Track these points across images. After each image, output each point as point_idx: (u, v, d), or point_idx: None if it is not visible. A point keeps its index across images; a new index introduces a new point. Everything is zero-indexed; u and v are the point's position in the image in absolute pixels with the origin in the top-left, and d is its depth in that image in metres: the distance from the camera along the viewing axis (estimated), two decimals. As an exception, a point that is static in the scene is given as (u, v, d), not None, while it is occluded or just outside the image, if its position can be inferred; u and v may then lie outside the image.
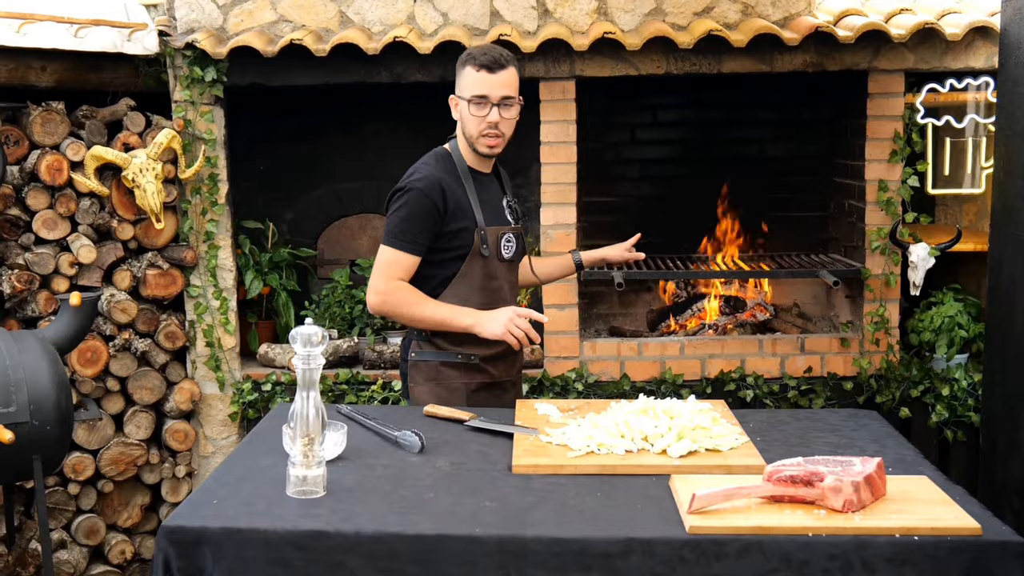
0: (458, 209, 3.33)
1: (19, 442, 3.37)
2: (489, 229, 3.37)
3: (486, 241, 3.36)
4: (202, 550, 2.24)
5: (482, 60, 3.28)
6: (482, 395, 3.44)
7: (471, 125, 3.32)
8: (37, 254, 4.27)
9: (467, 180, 3.39)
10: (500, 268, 3.42)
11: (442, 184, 3.32)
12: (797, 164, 5.33)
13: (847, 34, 4.39)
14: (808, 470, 2.33)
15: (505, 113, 3.30)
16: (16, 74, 4.20)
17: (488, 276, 3.39)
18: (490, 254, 3.37)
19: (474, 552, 2.22)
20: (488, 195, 3.43)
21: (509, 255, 3.44)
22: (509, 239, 3.43)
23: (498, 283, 3.42)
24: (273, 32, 4.64)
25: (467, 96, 3.30)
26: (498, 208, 3.45)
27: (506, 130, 3.34)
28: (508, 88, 3.30)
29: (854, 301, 4.86)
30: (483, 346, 3.37)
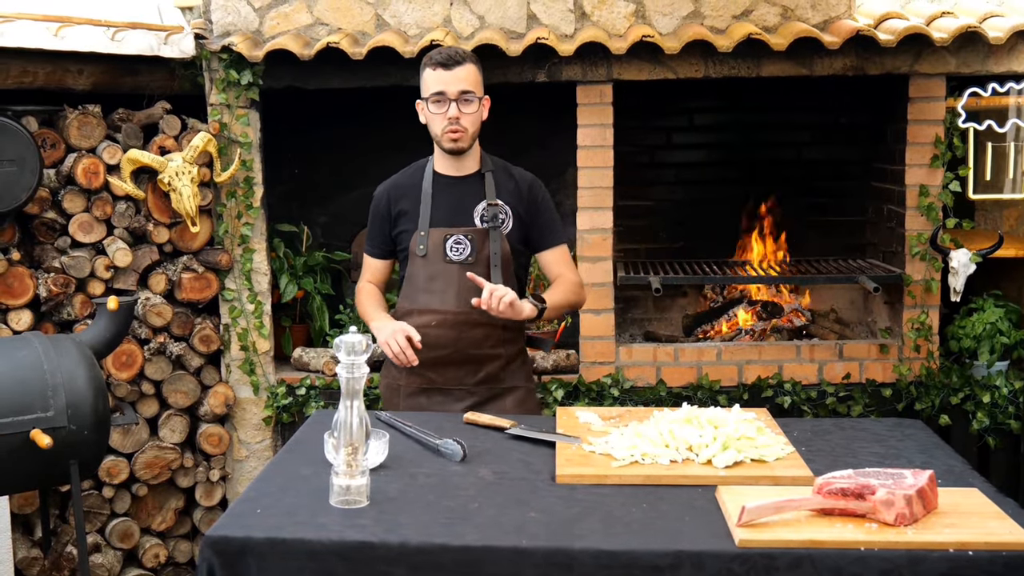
0: (405, 212, 3.51)
1: (56, 446, 3.36)
2: (433, 231, 3.45)
3: (424, 243, 3.44)
4: (246, 560, 2.22)
5: (437, 59, 3.40)
6: (421, 399, 3.51)
7: (434, 124, 3.44)
8: (73, 257, 4.27)
9: (428, 184, 3.50)
10: (445, 269, 3.44)
11: (392, 190, 3.59)
12: (835, 169, 5.28)
13: (888, 38, 4.34)
14: (859, 483, 2.28)
15: (464, 108, 3.38)
16: (53, 77, 4.21)
17: (429, 277, 3.46)
18: (425, 255, 3.44)
19: (520, 564, 2.19)
20: (451, 198, 3.48)
21: (459, 257, 3.43)
22: (459, 240, 3.43)
23: (440, 284, 3.45)
24: (309, 35, 4.63)
25: (426, 95, 3.40)
26: (462, 211, 3.47)
27: (468, 125, 3.40)
28: (465, 83, 3.37)
29: (893, 307, 4.80)
30: (424, 348, 3.39)
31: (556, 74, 4.53)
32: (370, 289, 3.64)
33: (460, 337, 3.46)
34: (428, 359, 3.43)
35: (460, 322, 3.44)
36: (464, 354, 3.47)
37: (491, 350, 3.49)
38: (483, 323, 3.44)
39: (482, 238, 3.45)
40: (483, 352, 3.48)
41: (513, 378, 3.55)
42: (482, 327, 3.45)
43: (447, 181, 3.52)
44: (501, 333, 3.50)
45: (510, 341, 3.53)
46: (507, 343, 3.52)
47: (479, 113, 3.42)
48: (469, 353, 3.47)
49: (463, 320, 3.43)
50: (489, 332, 3.48)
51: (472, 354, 3.48)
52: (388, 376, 3.61)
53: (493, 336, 3.49)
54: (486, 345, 3.48)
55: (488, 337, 3.47)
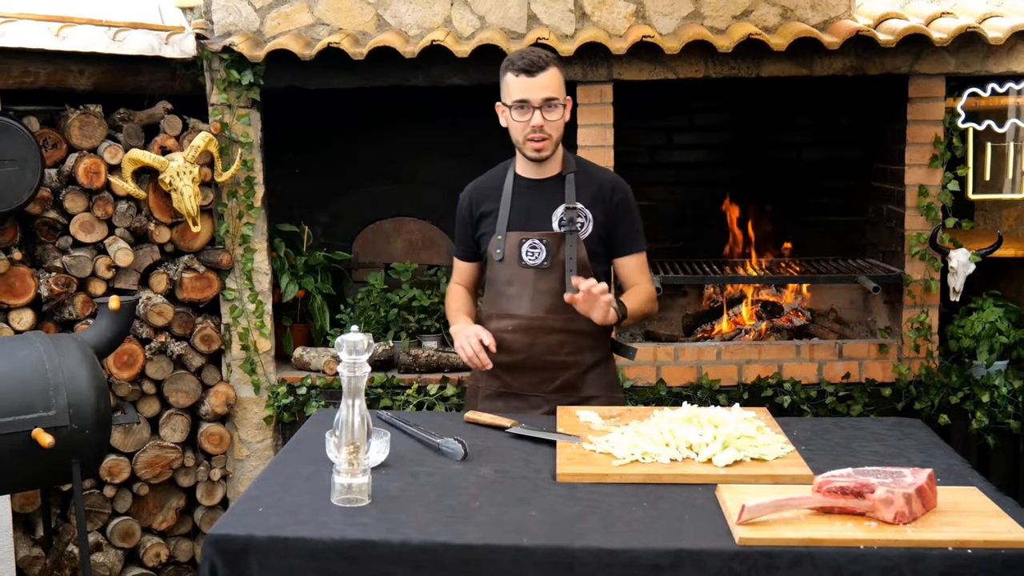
0: (487, 215, 3.42)
1: (58, 446, 3.37)
2: (510, 235, 3.37)
3: (501, 246, 3.37)
4: (248, 559, 2.23)
5: (520, 64, 3.26)
6: (498, 403, 3.43)
7: (516, 131, 3.31)
8: (74, 257, 4.28)
9: (509, 187, 3.41)
10: (521, 274, 3.37)
11: (475, 192, 3.50)
12: (835, 169, 5.29)
13: (888, 38, 4.35)
14: (859, 481, 2.29)
15: (548, 115, 3.26)
16: (55, 77, 4.22)
17: (506, 281, 3.40)
18: (502, 259, 3.37)
19: (522, 562, 2.20)
20: (532, 201, 3.39)
21: (534, 262, 3.35)
22: (535, 245, 3.35)
23: (516, 289, 3.38)
24: (310, 35, 4.64)
25: (509, 102, 3.28)
26: (540, 214, 3.38)
27: (552, 132, 3.29)
28: (549, 90, 3.26)
29: (892, 307, 4.82)
30: (501, 353, 3.36)
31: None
32: (456, 291, 3.57)
33: (534, 343, 3.38)
34: (505, 363, 3.39)
35: (535, 327, 3.36)
36: (539, 360, 3.38)
37: (568, 357, 3.39)
38: (559, 329, 3.36)
39: (558, 242, 3.35)
40: (559, 359, 3.38)
41: (592, 387, 3.42)
42: (558, 333, 3.36)
43: (527, 184, 3.41)
44: (579, 340, 3.39)
45: (589, 349, 3.41)
46: (586, 351, 3.40)
47: (563, 119, 3.31)
48: (544, 359, 3.38)
49: (538, 326, 3.36)
50: (565, 339, 3.38)
51: (547, 360, 3.38)
52: (472, 378, 3.58)
53: (570, 343, 3.38)
54: (562, 352, 3.38)
55: (564, 344, 3.37)
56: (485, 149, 5.07)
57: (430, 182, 5.21)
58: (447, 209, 5.15)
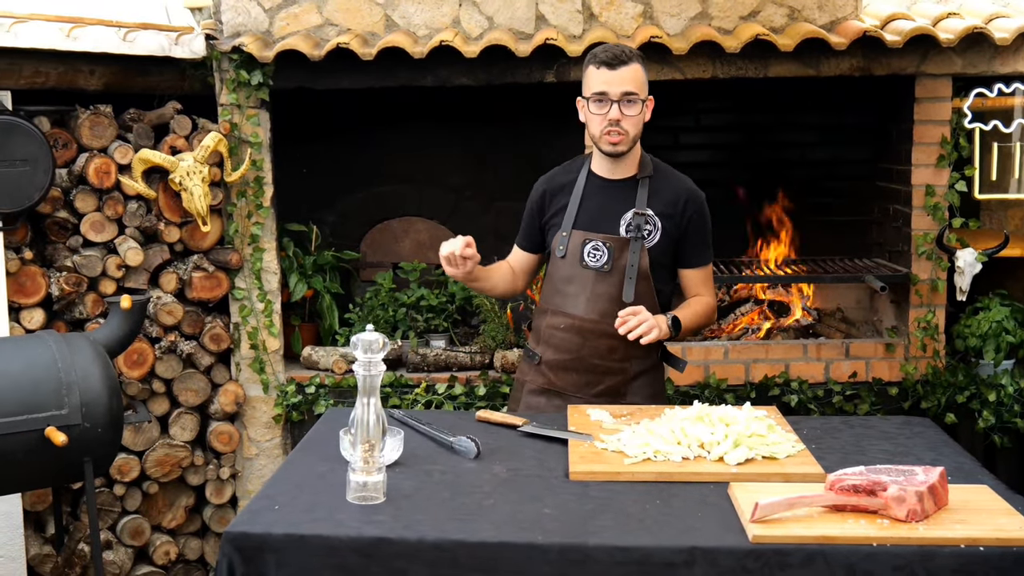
0: (557, 210, 3.37)
1: (71, 444, 3.39)
2: (575, 233, 3.33)
3: (565, 244, 3.33)
4: (265, 556, 2.25)
5: (602, 57, 3.25)
6: (540, 399, 3.42)
7: (593, 124, 3.29)
8: (85, 256, 4.30)
9: (582, 184, 3.38)
10: (581, 274, 3.32)
11: (549, 184, 3.46)
12: (841, 169, 5.30)
13: (895, 38, 4.36)
14: (871, 479, 2.31)
15: (627, 110, 3.23)
16: (65, 78, 4.23)
17: (565, 279, 3.36)
18: (564, 256, 3.33)
19: (536, 560, 2.22)
20: (603, 202, 3.34)
21: (595, 264, 3.30)
22: (597, 247, 3.30)
23: (573, 289, 3.34)
24: (319, 36, 4.66)
25: (588, 95, 3.27)
26: (608, 216, 3.33)
27: (629, 128, 3.25)
28: (629, 84, 3.23)
29: (899, 306, 4.83)
30: (551, 348, 3.38)
31: (564, 75, 4.55)
32: (499, 263, 3.53)
33: (584, 345, 3.35)
34: (552, 361, 3.39)
35: (587, 330, 3.33)
36: (587, 363, 3.36)
37: (615, 363, 3.36)
38: (611, 335, 3.27)
39: (621, 247, 3.30)
40: (606, 364, 3.36)
41: (636, 395, 3.39)
42: (609, 338, 3.30)
43: (600, 183, 3.38)
44: (629, 348, 3.32)
45: (638, 357, 3.37)
46: (634, 359, 3.36)
47: (642, 115, 3.28)
48: (592, 362, 3.36)
49: (590, 328, 3.33)
50: (616, 345, 3.32)
51: (595, 364, 3.36)
52: (519, 370, 3.56)
53: (620, 350, 3.34)
54: (611, 358, 3.35)
55: (614, 350, 3.33)
56: (493, 149, 5.11)
57: (438, 182, 5.22)
58: (455, 209, 5.20)
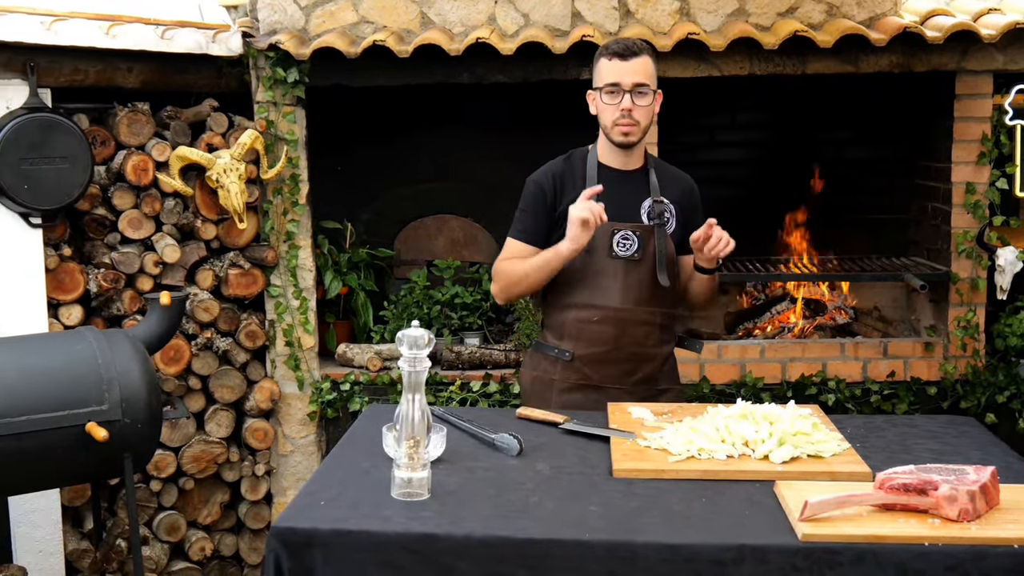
0: (571, 201, 3.32)
1: (111, 440, 3.39)
2: (602, 224, 3.29)
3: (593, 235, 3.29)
4: (312, 551, 2.25)
5: (614, 48, 3.32)
6: (576, 396, 3.39)
7: (605, 114, 3.34)
8: (123, 253, 4.32)
9: (594, 175, 3.39)
10: (610, 265, 3.33)
11: (557, 176, 3.44)
12: (878, 166, 5.26)
13: (935, 34, 4.32)
14: (921, 478, 2.29)
15: (639, 101, 3.29)
16: (104, 75, 4.25)
17: (595, 272, 3.35)
18: (591, 248, 3.30)
19: (584, 557, 2.21)
20: (619, 191, 3.36)
21: (626, 253, 3.33)
22: (627, 236, 3.33)
23: (604, 281, 3.34)
24: (355, 33, 4.66)
25: (600, 85, 3.32)
26: (629, 206, 3.37)
27: (641, 118, 3.31)
28: (641, 75, 3.30)
29: (938, 305, 4.79)
30: (583, 343, 3.36)
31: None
32: (514, 259, 3.43)
33: (623, 334, 3.37)
34: (586, 355, 3.38)
35: (623, 319, 3.35)
36: (625, 352, 3.38)
37: (651, 349, 3.42)
38: (646, 321, 3.37)
39: (648, 235, 3.35)
40: (644, 351, 3.40)
41: (667, 379, 3.48)
42: (645, 325, 3.38)
43: (614, 174, 3.40)
44: (661, 332, 3.42)
45: (667, 341, 3.46)
46: (664, 343, 3.44)
47: (652, 107, 3.35)
48: (630, 351, 3.39)
49: (626, 317, 3.35)
50: (650, 331, 3.40)
51: (633, 352, 3.39)
52: (538, 369, 3.50)
53: (654, 335, 3.41)
54: (647, 344, 3.40)
55: (649, 336, 3.39)
56: (528, 147, 5.07)
57: (472, 180, 5.21)
58: (489, 207, 5.18)
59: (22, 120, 3.91)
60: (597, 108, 3.38)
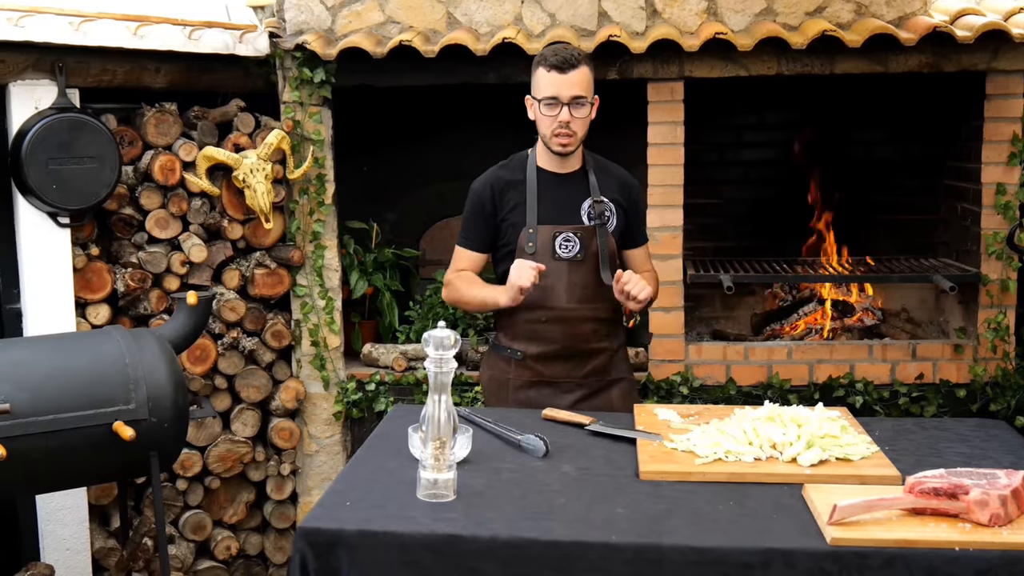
0: (512, 207, 3.50)
1: (137, 439, 3.40)
2: (541, 228, 3.45)
3: (534, 240, 3.44)
4: (338, 551, 2.25)
5: (552, 60, 3.38)
6: (531, 392, 3.53)
7: (543, 125, 3.43)
8: (150, 253, 4.33)
9: (533, 180, 3.50)
10: (555, 267, 3.44)
11: (496, 183, 3.56)
12: (906, 167, 5.22)
13: (966, 34, 4.28)
14: (952, 482, 2.27)
15: (576, 112, 3.37)
16: (132, 76, 4.26)
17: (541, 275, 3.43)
18: (534, 252, 3.43)
19: (611, 559, 2.20)
20: (559, 194, 3.48)
21: (568, 255, 3.45)
22: (568, 238, 3.44)
23: (549, 281, 3.44)
24: (381, 33, 4.66)
25: (539, 97, 3.39)
26: (569, 207, 3.47)
27: (578, 129, 3.40)
28: (578, 88, 3.37)
29: (967, 307, 4.75)
30: (533, 343, 3.50)
31: (627, 72, 4.52)
32: (467, 275, 3.59)
33: (569, 332, 3.49)
34: (538, 353, 3.51)
35: (570, 318, 3.46)
36: (573, 349, 3.50)
37: (598, 344, 3.53)
38: (591, 318, 3.50)
39: (590, 235, 3.45)
40: (591, 346, 3.52)
41: (617, 370, 3.60)
42: (590, 322, 3.50)
43: (552, 178, 3.52)
44: (607, 327, 3.55)
45: (614, 335, 3.59)
46: (611, 336, 3.56)
47: (590, 116, 3.43)
48: (578, 348, 3.51)
49: (572, 316, 3.46)
50: (597, 327, 3.52)
51: (581, 348, 3.51)
52: (494, 368, 3.64)
53: (600, 330, 3.53)
54: (594, 339, 3.51)
55: (596, 332, 3.51)
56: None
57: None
58: (515, 207, 5.17)
59: (51, 120, 3.92)
60: (535, 116, 3.47)
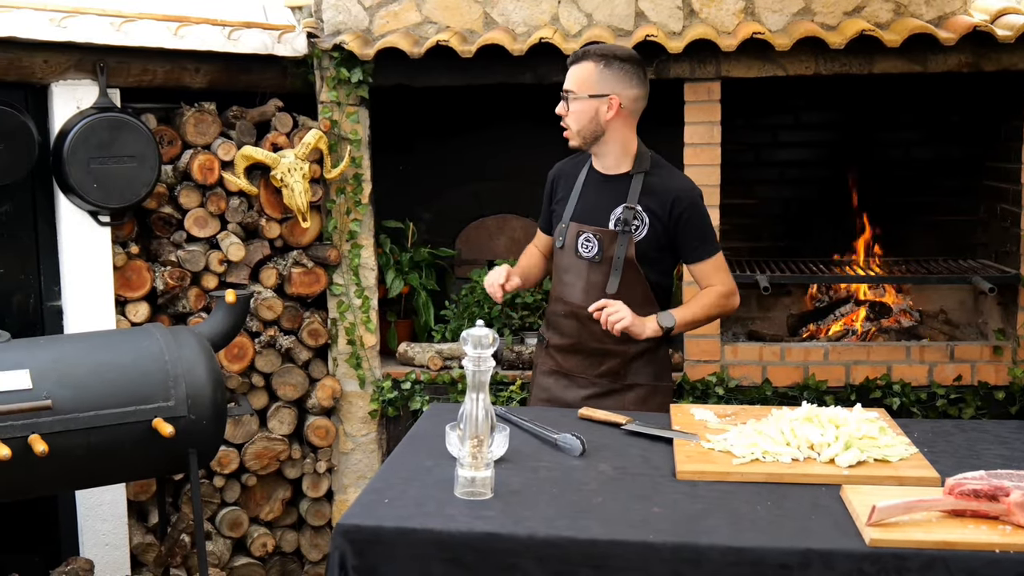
0: (560, 199, 3.61)
1: (177, 436, 3.44)
2: (572, 225, 3.52)
3: (563, 235, 3.53)
4: (377, 549, 2.26)
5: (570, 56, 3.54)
6: (550, 380, 3.64)
7: None
8: (188, 252, 4.37)
9: (582, 177, 3.58)
10: (576, 265, 3.51)
11: (559, 173, 3.70)
12: (945, 167, 5.19)
13: (1006, 33, 4.25)
14: (992, 484, 2.25)
15: (570, 105, 3.44)
16: (171, 76, 4.30)
17: (563, 269, 3.57)
18: (562, 246, 3.53)
19: (648, 558, 2.20)
20: (597, 196, 3.52)
21: (588, 255, 3.48)
22: (589, 239, 3.48)
23: (570, 278, 3.53)
24: (418, 33, 4.68)
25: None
26: (601, 209, 3.49)
27: (571, 123, 3.47)
28: (569, 82, 3.45)
29: (1006, 308, 4.71)
30: (556, 333, 3.60)
31: (664, 71, 4.51)
32: (529, 250, 3.83)
33: (583, 330, 3.51)
34: (558, 345, 3.61)
35: (584, 316, 3.46)
36: (587, 346, 3.54)
37: (613, 346, 3.49)
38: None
39: (610, 240, 3.44)
40: (605, 347, 3.51)
41: (636, 376, 3.54)
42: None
43: (598, 178, 3.55)
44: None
45: (633, 340, 3.45)
46: (630, 341, 3.44)
47: (584, 112, 3.42)
48: (591, 346, 3.53)
49: (586, 315, 3.43)
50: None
51: (594, 347, 3.53)
52: (535, 355, 3.81)
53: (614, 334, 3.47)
54: (607, 341, 3.47)
55: (609, 333, 3.43)
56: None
57: (533, 179, 5.18)
58: (550, 207, 5.17)
59: (92, 120, 3.97)
60: None
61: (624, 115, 3.44)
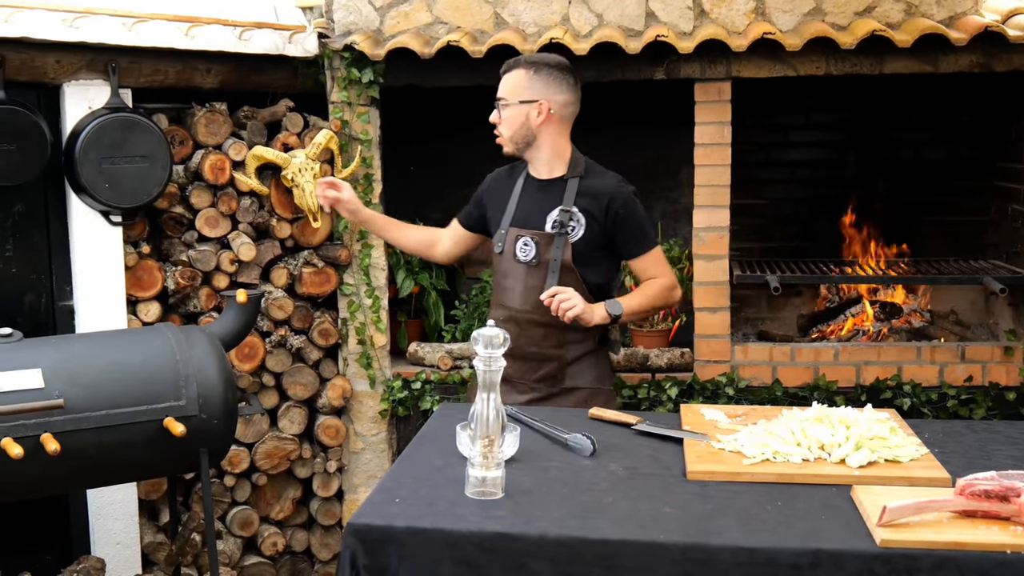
0: (499, 205, 3.70)
1: (188, 435, 3.45)
2: (510, 230, 3.61)
3: (502, 240, 3.62)
4: (387, 548, 2.27)
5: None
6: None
7: None
8: (200, 251, 4.38)
9: (520, 185, 3.68)
10: (515, 269, 3.59)
11: (495, 179, 3.85)
12: (955, 167, 5.18)
13: (1018, 34, 4.24)
14: (1003, 485, 2.25)
15: (502, 113, 3.61)
16: (183, 76, 4.31)
17: (502, 274, 3.66)
18: (501, 252, 3.62)
19: (659, 559, 2.20)
20: (535, 201, 3.62)
21: (525, 258, 3.57)
22: (527, 242, 3.57)
23: (509, 283, 3.61)
24: (429, 34, 4.69)
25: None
26: (538, 213, 3.58)
27: (503, 130, 3.62)
28: (502, 90, 3.62)
29: (1017, 309, 4.70)
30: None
31: (675, 72, 4.51)
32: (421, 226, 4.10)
33: (521, 334, 3.56)
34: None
35: (521, 320, 3.57)
36: (524, 351, 3.58)
37: (550, 350, 3.59)
38: (544, 323, 3.56)
39: (547, 242, 3.55)
40: (542, 351, 3.61)
41: (575, 379, 3.64)
42: (543, 327, 3.57)
43: (534, 184, 3.68)
44: (562, 335, 3.59)
45: (573, 343, 3.61)
46: (568, 345, 3.58)
47: (515, 118, 3.58)
48: (528, 351, 3.60)
49: (525, 319, 3.55)
50: (548, 333, 3.59)
51: (531, 352, 3.60)
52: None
53: (553, 337, 3.59)
54: (545, 345, 3.58)
55: (547, 338, 3.57)
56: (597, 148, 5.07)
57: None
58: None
59: (104, 120, 3.98)
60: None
61: (555, 120, 3.57)
